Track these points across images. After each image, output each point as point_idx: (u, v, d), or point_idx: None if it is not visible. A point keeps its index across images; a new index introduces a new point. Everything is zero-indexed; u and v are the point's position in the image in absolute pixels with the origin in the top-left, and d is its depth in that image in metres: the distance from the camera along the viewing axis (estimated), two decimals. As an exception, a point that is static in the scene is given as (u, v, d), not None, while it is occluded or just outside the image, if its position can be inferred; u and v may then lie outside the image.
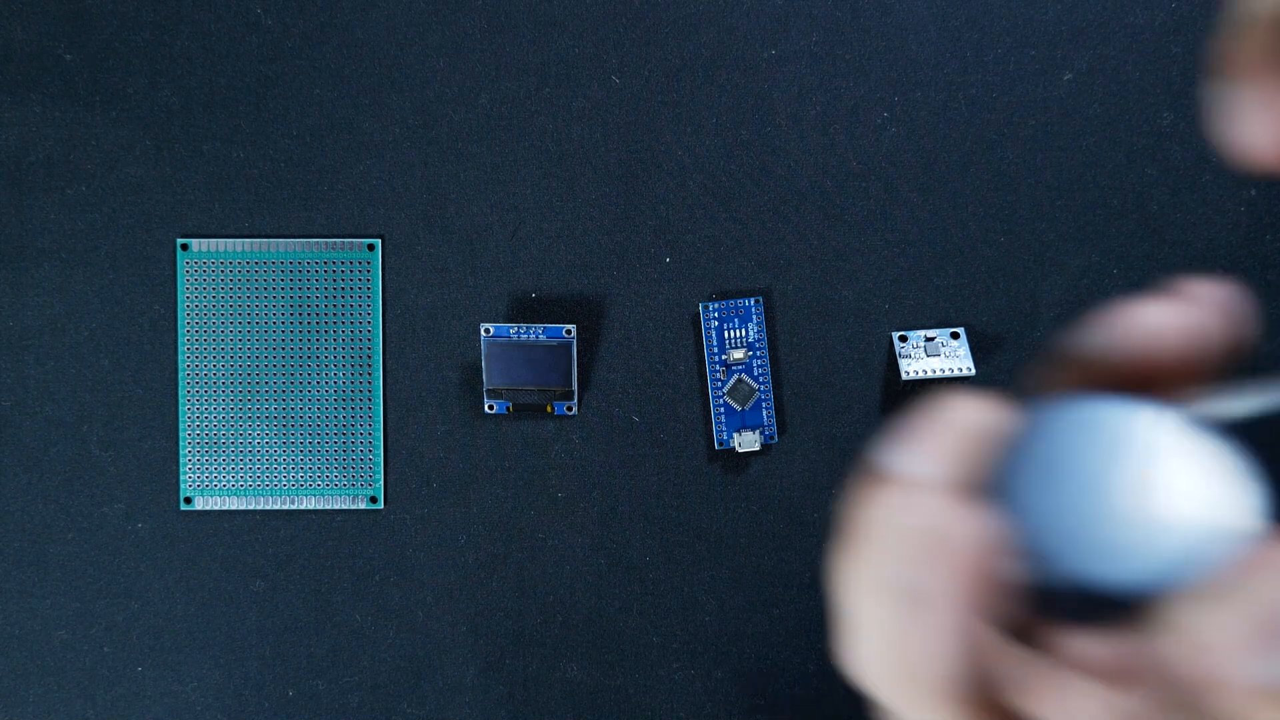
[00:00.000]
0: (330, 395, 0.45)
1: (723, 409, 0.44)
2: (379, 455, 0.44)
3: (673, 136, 0.45)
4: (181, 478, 0.44)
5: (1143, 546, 0.15)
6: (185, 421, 0.44)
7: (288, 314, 0.45)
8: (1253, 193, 0.45)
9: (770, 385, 0.45)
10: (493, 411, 0.44)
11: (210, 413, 0.44)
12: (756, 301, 0.44)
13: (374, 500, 0.44)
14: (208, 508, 0.44)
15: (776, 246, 0.45)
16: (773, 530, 0.44)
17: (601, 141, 0.45)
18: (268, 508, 0.44)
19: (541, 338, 0.44)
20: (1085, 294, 0.45)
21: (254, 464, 0.44)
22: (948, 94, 0.44)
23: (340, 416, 0.45)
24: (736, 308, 0.44)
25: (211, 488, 0.44)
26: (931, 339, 0.44)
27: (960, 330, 0.44)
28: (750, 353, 0.44)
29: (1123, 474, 0.15)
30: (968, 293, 0.45)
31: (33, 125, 0.44)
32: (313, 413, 0.45)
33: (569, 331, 0.44)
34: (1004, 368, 0.45)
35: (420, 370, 0.45)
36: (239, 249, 0.45)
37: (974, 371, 0.44)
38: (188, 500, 0.44)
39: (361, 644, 0.44)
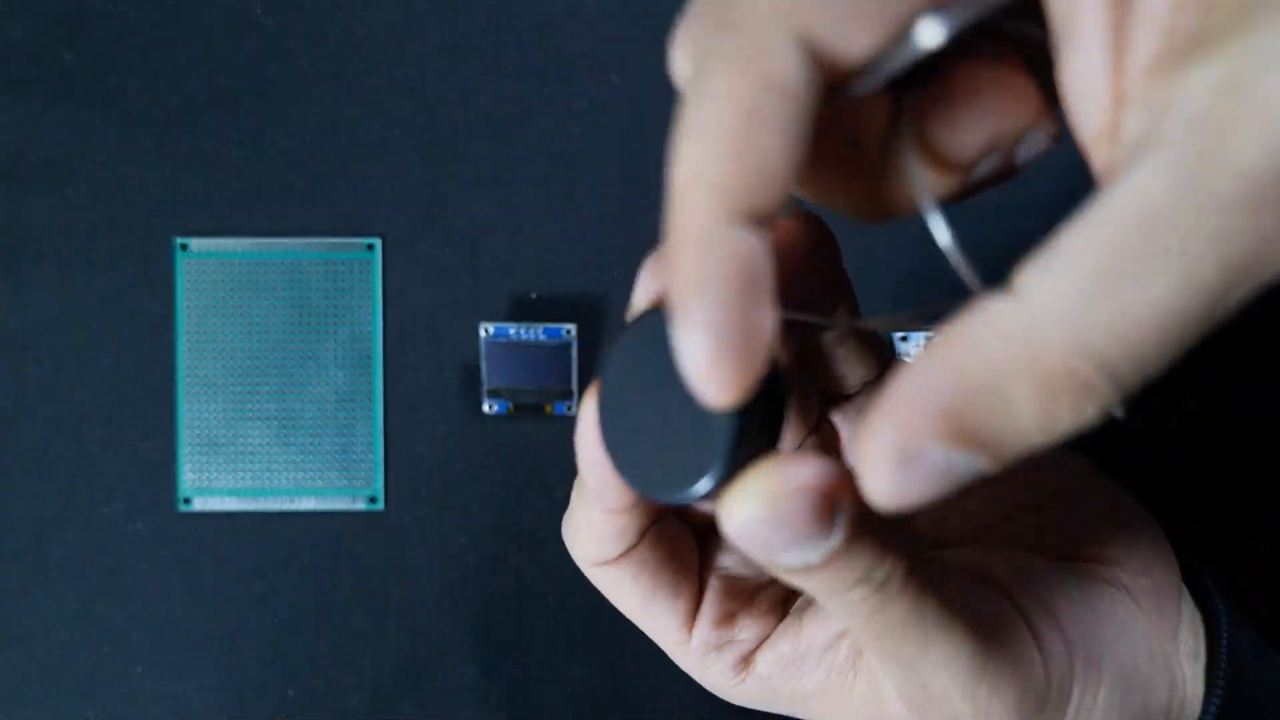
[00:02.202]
0: (330, 395, 0.45)
1: (723, 409, 0.44)
2: (379, 456, 0.44)
3: (673, 136, 0.45)
4: (181, 478, 0.44)
5: (667, 467, 0.17)
6: (185, 422, 0.44)
7: (287, 314, 0.45)
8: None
9: (770, 385, 0.45)
10: (492, 411, 0.44)
11: (210, 413, 0.44)
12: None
13: (374, 500, 0.44)
14: (207, 508, 0.44)
15: (776, 246, 0.45)
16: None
17: (601, 141, 0.45)
18: (267, 508, 0.44)
19: (541, 338, 0.44)
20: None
21: (253, 464, 0.44)
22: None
23: (340, 417, 0.45)
24: (736, 308, 0.44)
25: (211, 488, 0.44)
26: (932, 339, 0.44)
27: (960, 330, 0.44)
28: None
29: (651, 403, 0.17)
30: (968, 293, 0.45)
31: (32, 125, 0.44)
32: (312, 413, 0.45)
33: (569, 331, 0.44)
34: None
35: (420, 370, 0.45)
36: (239, 249, 0.45)
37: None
38: (187, 500, 0.44)
39: (361, 644, 0.44)
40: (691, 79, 0.16)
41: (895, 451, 0.15)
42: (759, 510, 0.16)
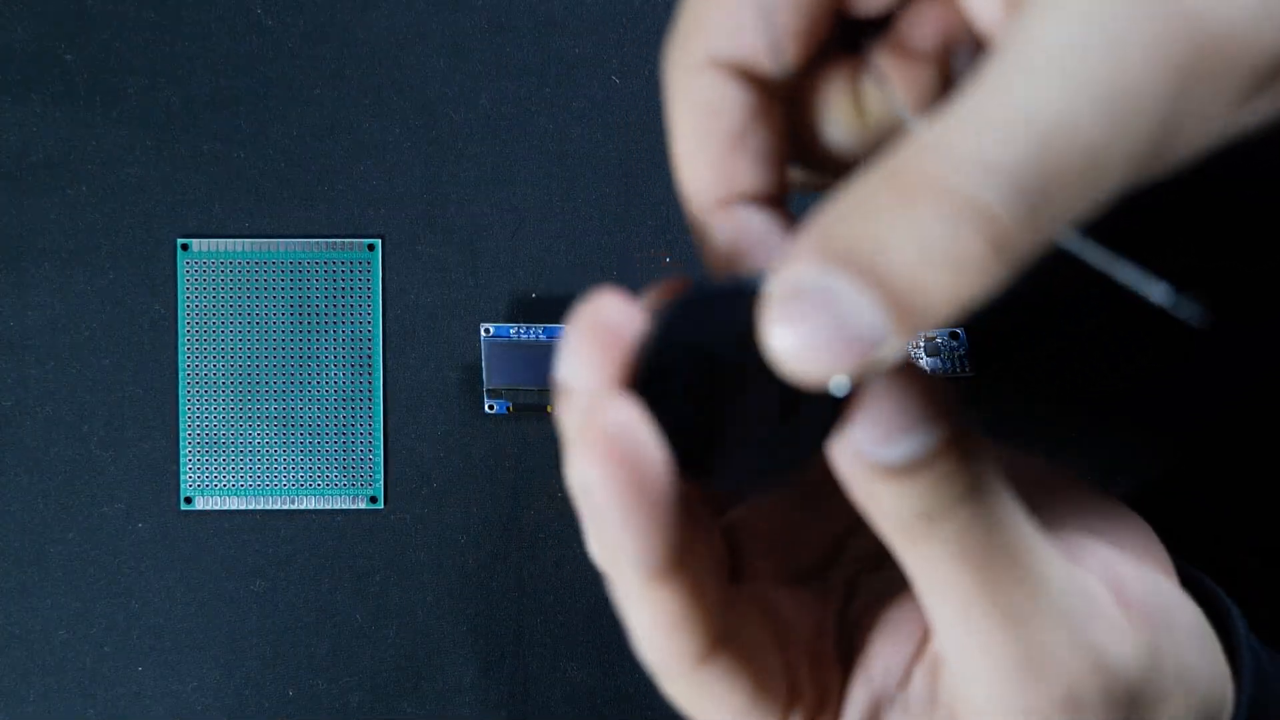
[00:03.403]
0: (330, 395, 0.45)
1: (723, 409, 0.44)
2: (379, 455, 0.44)
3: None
4: (181, 478, 0.44)
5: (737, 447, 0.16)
6: (185, 421, 0.44)
7: (288, 314, 0.45)
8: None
9: (770, 385, 0.45)
10: (493, 411, 0.44)
11: (210, 413, 0.44)
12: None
13: (374, 500, 0.44)
14: (208, 508, 0.44)
15: (776, 246, 0.45)
16: (773, 530, 0.44)
17: (601, 141, 0.45)
18: (268, 508, 0.44)
19: (541, 338, 0.44)
20: (1087, 292, 0.45)
21: (254, 464, 0.44)
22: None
23: (340, 416, 0.45)
24: (736, 308, 0.44)
25: (212, 488, 0.44)
26: (931, 339, 0.44)
27: (960, 330, 0.44)
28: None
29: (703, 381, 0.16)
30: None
31: (33, 125, 0.44)
32: (313, 413, 0.45)
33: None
34: (1004, 368, 0.45)
35: (420, 370, 0.45)
36: (239, 249, 0.45)
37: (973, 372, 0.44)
38: (188, 500, 0.44)
39: (361, 644, 0.44)
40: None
41: (784, 287, 0.15)
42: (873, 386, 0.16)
